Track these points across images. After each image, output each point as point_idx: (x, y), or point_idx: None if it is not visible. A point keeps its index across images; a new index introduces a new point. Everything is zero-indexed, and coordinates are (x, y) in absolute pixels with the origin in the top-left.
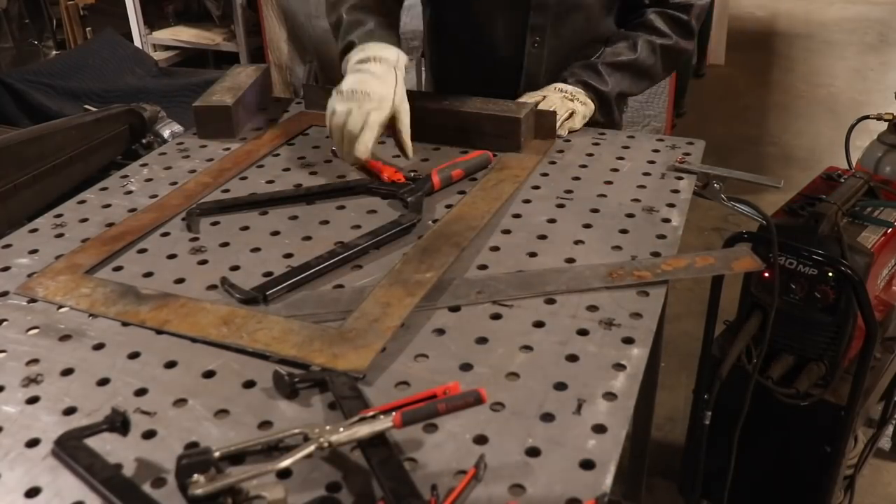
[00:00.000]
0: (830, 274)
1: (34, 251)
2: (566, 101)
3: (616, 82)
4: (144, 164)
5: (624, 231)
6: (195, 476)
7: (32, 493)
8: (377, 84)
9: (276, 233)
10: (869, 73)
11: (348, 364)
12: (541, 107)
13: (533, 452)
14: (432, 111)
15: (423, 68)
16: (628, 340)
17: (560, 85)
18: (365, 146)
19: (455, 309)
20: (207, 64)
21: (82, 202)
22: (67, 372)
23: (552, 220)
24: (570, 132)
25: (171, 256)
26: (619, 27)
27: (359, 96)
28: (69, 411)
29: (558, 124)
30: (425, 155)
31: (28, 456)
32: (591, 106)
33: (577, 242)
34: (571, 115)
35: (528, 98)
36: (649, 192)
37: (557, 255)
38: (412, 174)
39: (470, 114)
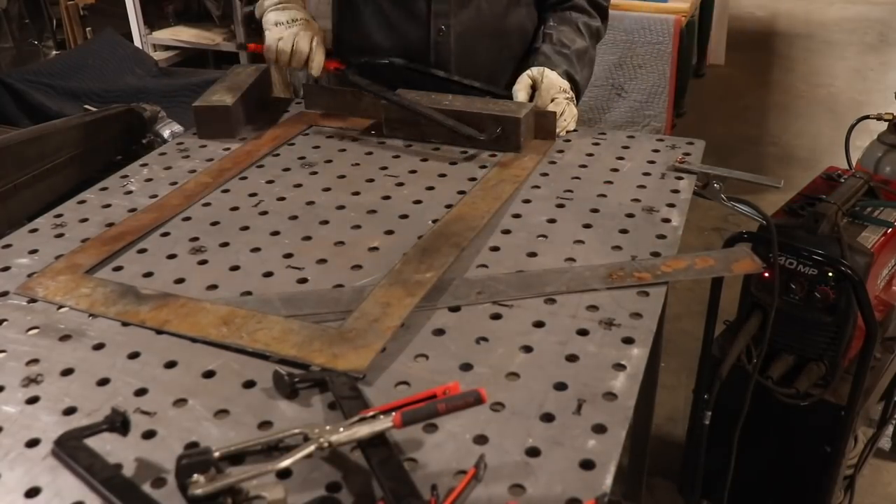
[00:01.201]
0: (830, 274)
1: (34, 251)
2: (571, 107)
3: (582, 72)
4: (144, 164)
5: (624, 231)
6: (195, 476)
7: (32, 493)
8: (307, 16)
9: (276, 233)
10: (869, 73)
11: (348, 364)
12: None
13: (533, 452)
14: (432, 110)
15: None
16: (628, 340)
17: (563, 84)
18: (319, 64)
19: (455, 309)
20: (207, 64)
21: (82, 202)
22: (67, 372)
23: (552, 220)
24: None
25: (171, 256)
26: (541, 12)
27: (300, 23)
28: (69, 411)
29: (561, 130)
30: (425, 155)
31: (28, 456)
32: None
33: (577, 242)
34: (573, 117)
35: (540, 103)
36: (649, 192)
37: (557, 255)
38: None
39: (470, 113)
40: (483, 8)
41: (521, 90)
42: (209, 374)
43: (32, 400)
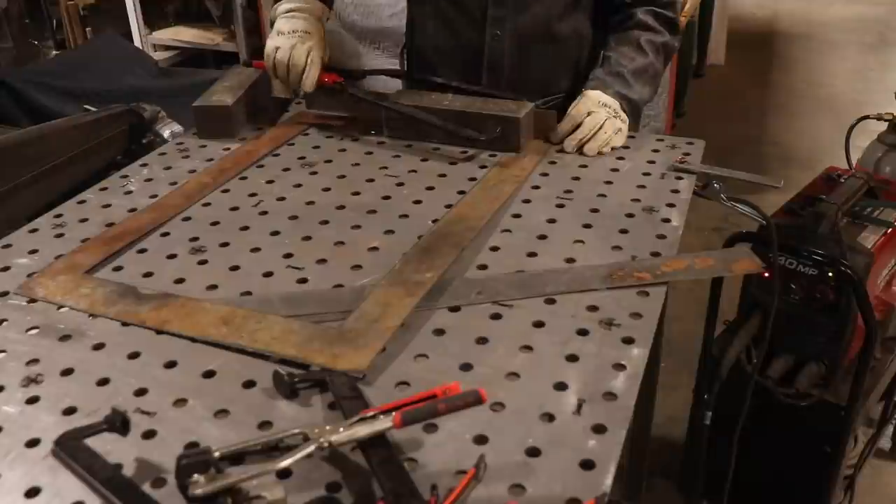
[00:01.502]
0: (830, 274)
1: (34, 251)
2: (613, 120)
3: (641, 89)
4: (144, 164)
5: (624, 231)
6: (195, 476)
7: (32, 493)
8: (311, 27)
9: (276, 233)
10: (869, 73)
11: (348, 364)
12: (588, 124)
13: (533, 452)
14: (432, 111)
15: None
16: (628, 340)
17: (603, 98)
18: (312, 81)
19: (455, 309)
20: (207, 64)
21: (82, 202)
22: (67, 372)
23: (552, 220)
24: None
25: (171, 256)
26: (602, 28)
27: (300, 34)
28: (69, 411)
29: (602, 143)
30: (425, 155)
31: (28, 456)
32: (627, 119)
33: (577, 242)
34: (618, 131)
35: (574, 113)
36: (649, 192)
37: (557, 255)
38: None
39: (470, 114)
40: (539, 14)
41: (563, 124)
42: (209, 374)
43: (32, 400)
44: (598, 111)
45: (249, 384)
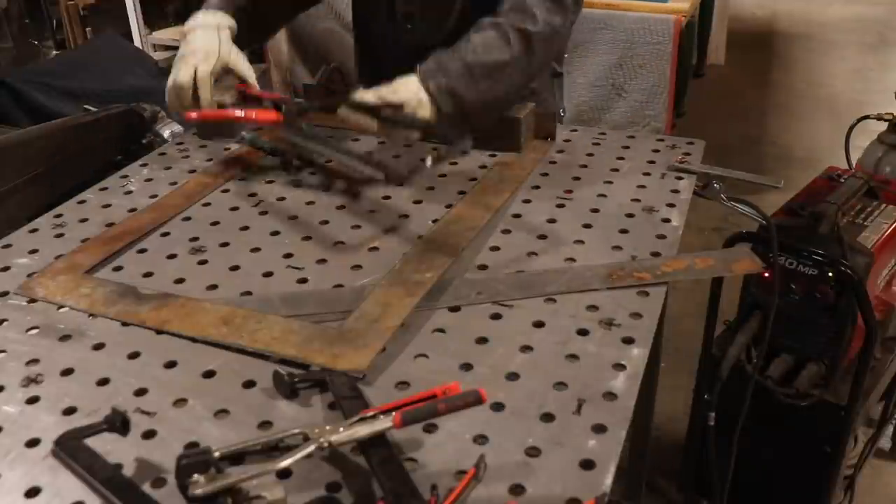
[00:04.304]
0: (830, 274)
1: (34, 251)
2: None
3: (488, 89)
4: (144, 164)
5: (624, 231)
6: (195, 476)
7: (32, 493)
8: (200, 42)
9: (275, 233)
10: (869, 73)
11: (348, 364)
12: (390, 100)
13: (533, 452)
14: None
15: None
16: (628, 340)
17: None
18: (205, 100)
19: (455, 309)
20: None
21: (82, 202)
22: (67, 372)
23: (552, 220)
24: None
25: (171, 256)
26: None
27: (186, 56)
28: (69, 411)
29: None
30: (422, 155)
31: (28, 456)
32: (427, 114)
33: (577, 242)
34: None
35: (385, 91)
36: (649, 192)
37: (557, 255)
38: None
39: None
40: (449, 7)
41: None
42: (209, 374)
43: (32, 400)
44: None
45: (249, 384)
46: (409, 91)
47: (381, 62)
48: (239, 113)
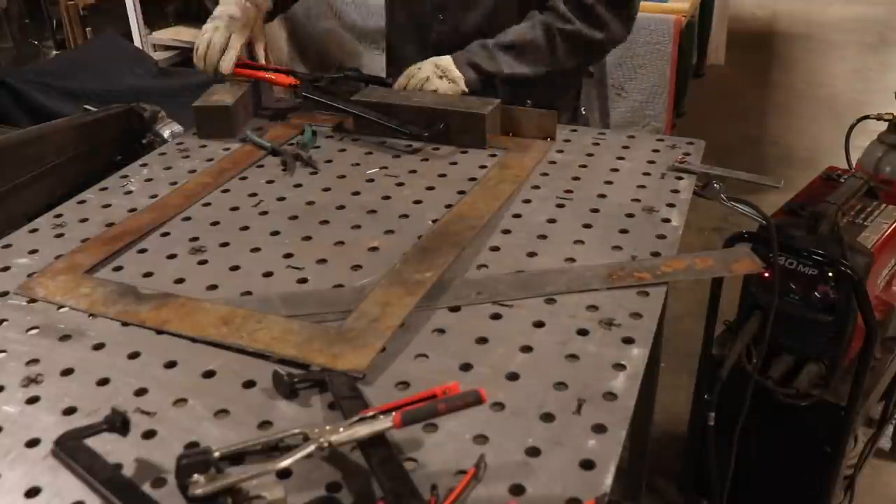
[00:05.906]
0: (830, 274)
1: (34, 251)
2: (438, 81)
3: (506, 61)
4: (144, 164)
5: (624, 231)
6: (195, 476)
7: (32, 493)
8: (242, 14)
9: (275, 233)
10: (869, 73)
11: (348, 364)
12: (406, 78)
13: (533, 452)
14: (401, 108)
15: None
16: (628, 340)
17: (437, 60)
18: (228, 64)
19: (455, 309)
20: None
21: (82, 202)
22: (67, 372)
23: (552, 220)
24: None
25: (171, 256)
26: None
27: (225, 19)
28: (69, 411)
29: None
30: (425, 155)
31: (28, 456)
32: (460, 85)
33: (577, 242)
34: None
35: (406, 74)
36: (649, 192)
37: (557, 255)
38: None
39: (436, 110)
40: (483, 4)
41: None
42: (209, 374)
43: (32, 400)
44: (425, 66)
45: (249, 384)
46: (428, 66)
47: (409, 53)
48: (264, 74)
